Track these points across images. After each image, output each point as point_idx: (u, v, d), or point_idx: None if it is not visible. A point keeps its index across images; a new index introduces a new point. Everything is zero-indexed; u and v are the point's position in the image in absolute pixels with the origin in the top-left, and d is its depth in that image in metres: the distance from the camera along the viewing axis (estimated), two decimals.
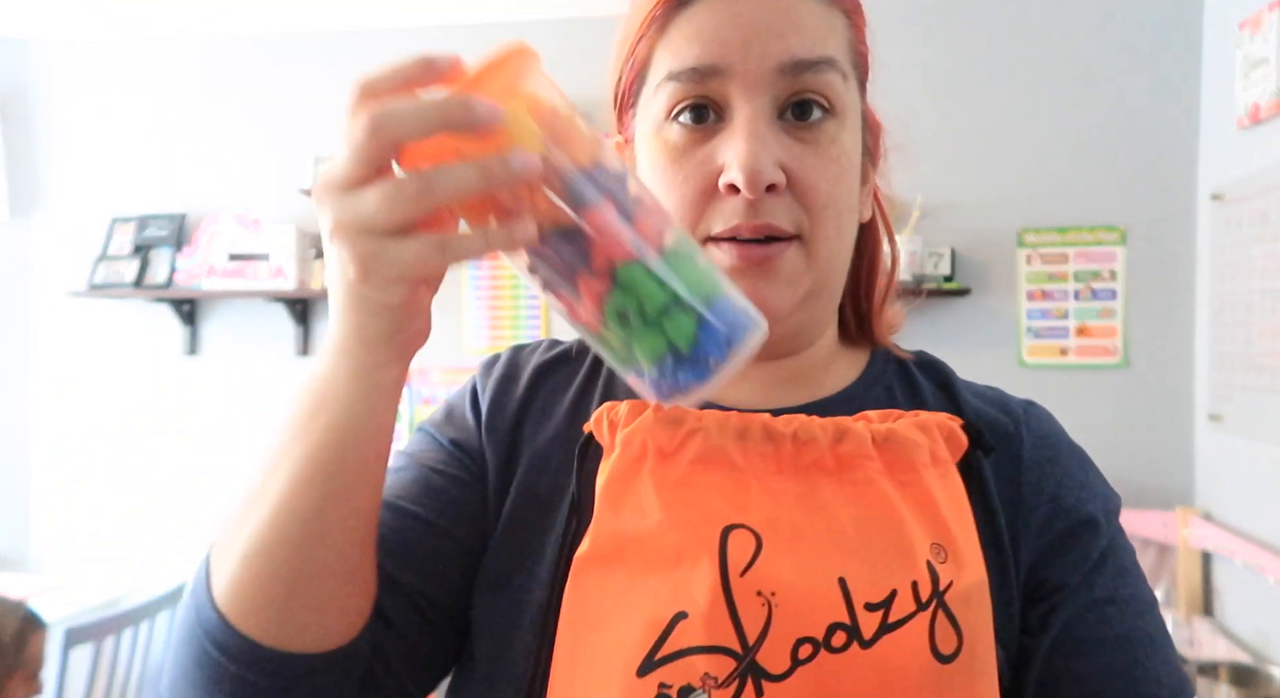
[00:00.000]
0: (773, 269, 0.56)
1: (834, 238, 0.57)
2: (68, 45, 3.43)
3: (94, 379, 3.42)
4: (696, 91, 0.55)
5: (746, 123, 0.54)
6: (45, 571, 3.37)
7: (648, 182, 0.59)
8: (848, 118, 0.57)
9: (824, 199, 0.55)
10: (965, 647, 0.46)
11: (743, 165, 0.53)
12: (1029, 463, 0.60)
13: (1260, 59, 2.39)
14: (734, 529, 0.46)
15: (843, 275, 0.62)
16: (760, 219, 0.55)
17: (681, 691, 0.44)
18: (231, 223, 3.16)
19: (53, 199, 3.45)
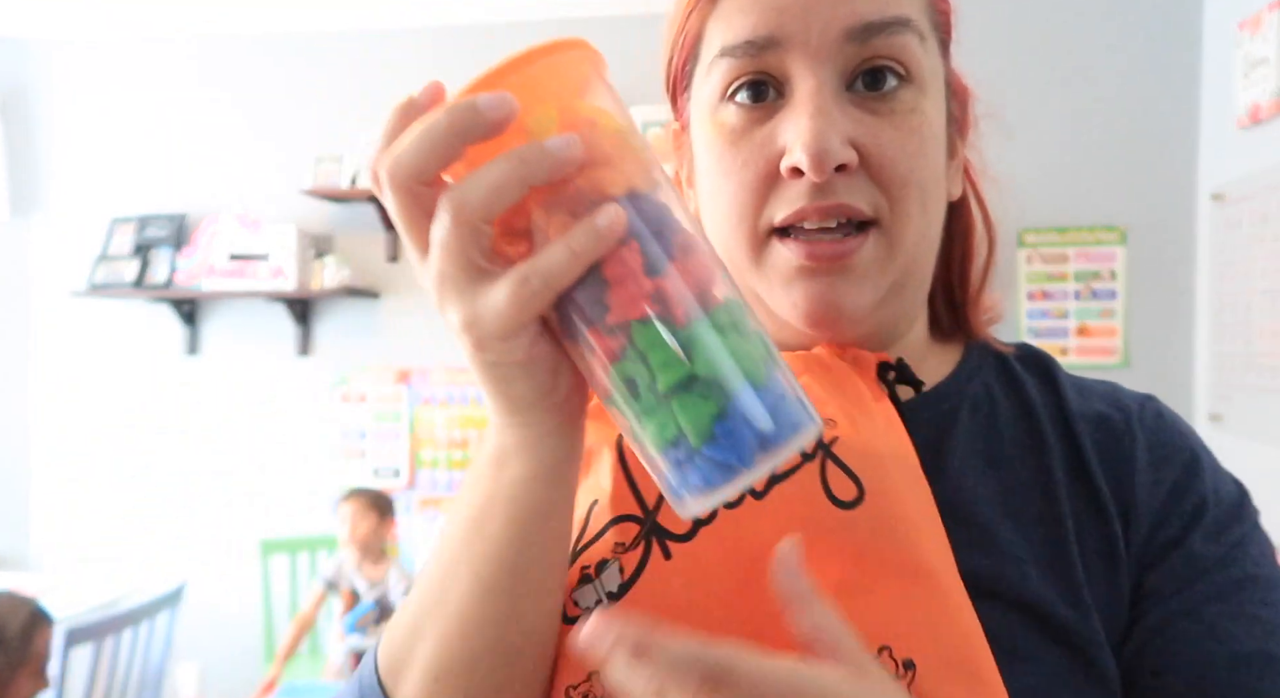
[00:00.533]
0: (849, 265, 0.49)
1: (918, 219, 0.50)
2: (68, 45, 3.43)
3: (94, 379, 3.42)
4: (753, 67, 0.50)
5: (810, 97, 0.48)
6: (45, 571, 3.37)
7: (704, 170, 0.54)
8: (928, 84, 0.51)
9: (904, 175, 0.49)
10: (868, 497, 0.45)
11: (806, 145, 0.47)
12: (1143, 464, 0.54)
13: (1260, 59, 2.39)
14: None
15: (931, 262, 0.55)
16: (830, 200, 0.48)
17: (598, 565, 0.46)
18: (232, 223, 3.16)
19: (53, 199, 3.45)
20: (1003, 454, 0.54)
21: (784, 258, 0.50)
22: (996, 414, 0.56)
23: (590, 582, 0.46)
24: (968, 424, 0.55)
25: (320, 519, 3.23)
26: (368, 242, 3.28)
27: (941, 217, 0.55)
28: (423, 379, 3.25)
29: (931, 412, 0.55)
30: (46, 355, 3.46)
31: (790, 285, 0.51)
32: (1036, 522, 0.51)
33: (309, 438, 3.30)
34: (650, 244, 0.36)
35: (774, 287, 0.52)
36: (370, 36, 3.27)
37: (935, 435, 0.54)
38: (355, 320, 3.31)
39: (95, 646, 2.17)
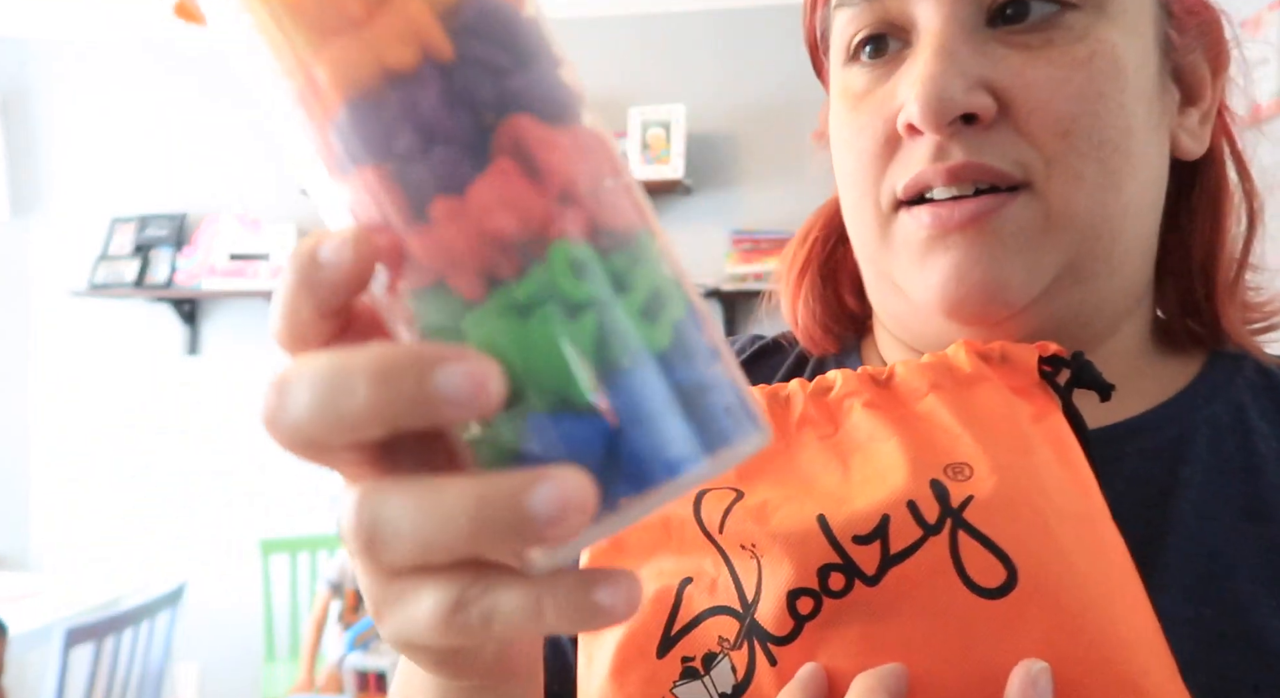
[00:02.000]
0: (988, 228, 0.39)
1: (1095, 180, 0.38)
2: (68, 45, 3.43)
3: (94, 379, 3.42)
4: (873, 15, 0.41)
5: (933, 37, 0.38)
6: (45, 571, 3.37)
7: (833, 144, 0.45)
8: (1117, 6, 0.39)
9: (1065, 122, 0.38)
10: (1023, 579, 0.32)
11: (919, 92, 0.37)
12: None
13: (1260, 59, 2.39)
14: (708, 491, 0.38)
15: (1142, 240, 0.43)
16: (955, 159, 0.38)
17: (705, 659, 0.37)
18: (232, 223, 3.16)
19: (53, 199, 3.45)
20: (1265, 504, 0.40)
21: (910, 228, 0.41)
22: (1254, 448, 0.41)
23: (698, 678, 0.37)
24: (1208, 460, 0.41)
25: (320, 519, 3.23)
26: None
27: (1149, 180, 0.41)
28: None
29: (1150, 441, 0.41)
30: (47, 355, 3.46)
31: (922, 264, 0.40)
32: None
33: None
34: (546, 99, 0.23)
35: (905, 267, 0.42)
36: None
37: (1156, 475, 0.41)
38: None
39: (95, 646, 2.17)
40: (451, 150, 0.22)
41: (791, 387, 0.40)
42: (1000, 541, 0.33)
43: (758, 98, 3.04)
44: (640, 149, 2.96)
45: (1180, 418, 0.43)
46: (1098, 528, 0.35)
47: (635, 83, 3.10)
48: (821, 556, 0.35)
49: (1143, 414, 0.43)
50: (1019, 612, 0.32)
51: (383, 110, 0.23)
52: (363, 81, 0.23)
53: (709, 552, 0.38)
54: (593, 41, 3.13)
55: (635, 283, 0.23)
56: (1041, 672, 0.30)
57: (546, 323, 0.22)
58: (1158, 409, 0.43)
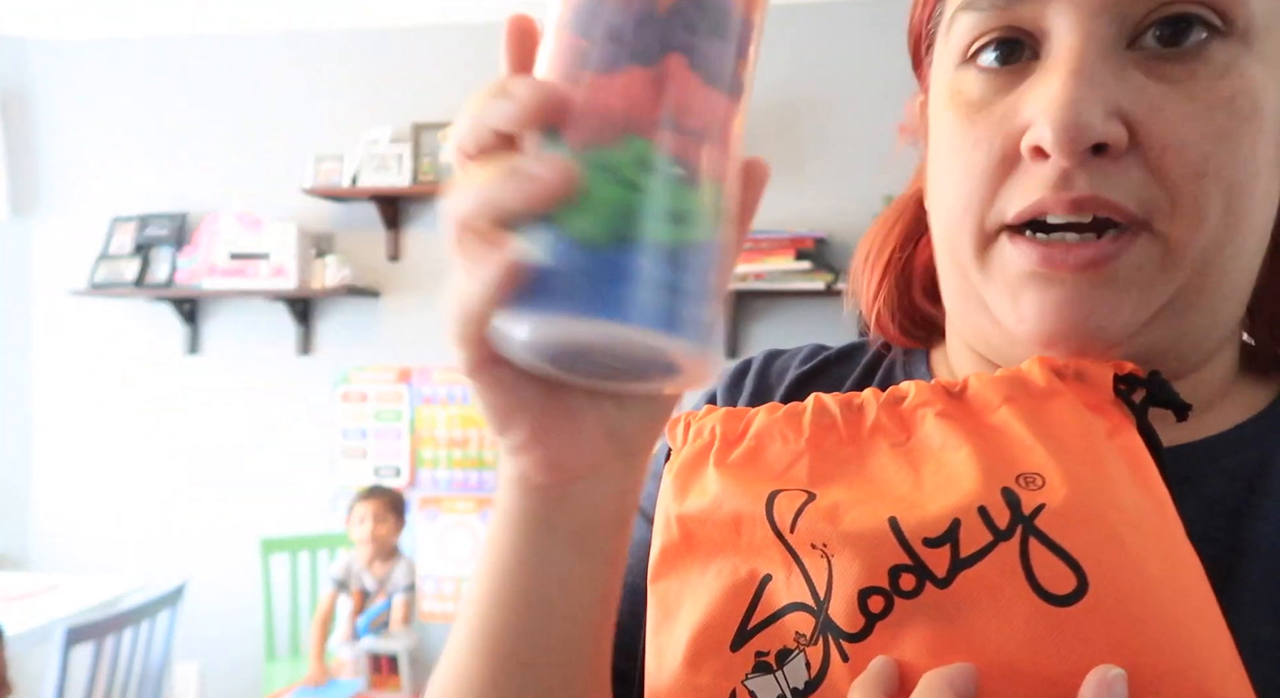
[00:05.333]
0: (1105, 272, 0.37)
1: (1216, 223, 0.37)
2: (68, 45, 3.43)
3: (94, 378, 3.42)
4: (1002, 21, 0.38)
5: (1070, 55, 0.36)
6: (45, 570, 3.37)
7: (935, 151, 0.44)
8: (1259, 35, 0.36)
9: (1196, 165, 0.36)
10: (1094, 587, 0.32)
11: (1054, 116, 0.35)
12: None
13: None
14: (781, 492, 0.39)
15: (1246, 276, 0.41)
16: (1079, 190, 0.36)
17: (779, 655, 0.38)
18: (232, 222, 3.16)
19: (53, 199, 3.45)
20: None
21: (1014, 260, 0.39)
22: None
23: (770, 672, 0.38)
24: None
25: (321, 519, 3.23)
26: (368, 241, 3.28)
27: (1266, 219, 0.40)
28: (424, 378, 3.25)
29: (1230, 461, 0.41)
30: (47, 355, 3.46)
31: (1020, 294, 0.39)
32: None
33: (309, 438, 3.30)
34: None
35: (1000, 294, 0.40)
36: (371, 35, 3.27)
37: (1234, 495, 0.40)
38: (356, 320, 3.31)
39: (95, 646, 2.17)
40: (624, 51, 0.30)
41: (865, 395, 0.40)
42: (1071, 549, 0.33)
43: (758, 98, 3.01)
44: None
45: (1261, 439, 0.42)
46: (1171, 542, 0.34)
47: None
48: (892, 556, 0.35)
49: (1223, 433, 0.42)
50: (1089, 620, 0.33)
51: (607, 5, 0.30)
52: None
53: (779, 551, 0.38)
54: None
55: (680, 200, 0.30)
56: (1117, 678, 0.30)
57: (604, 183, 0.29)
58: (1238, 429, 0.42)
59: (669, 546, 0.42)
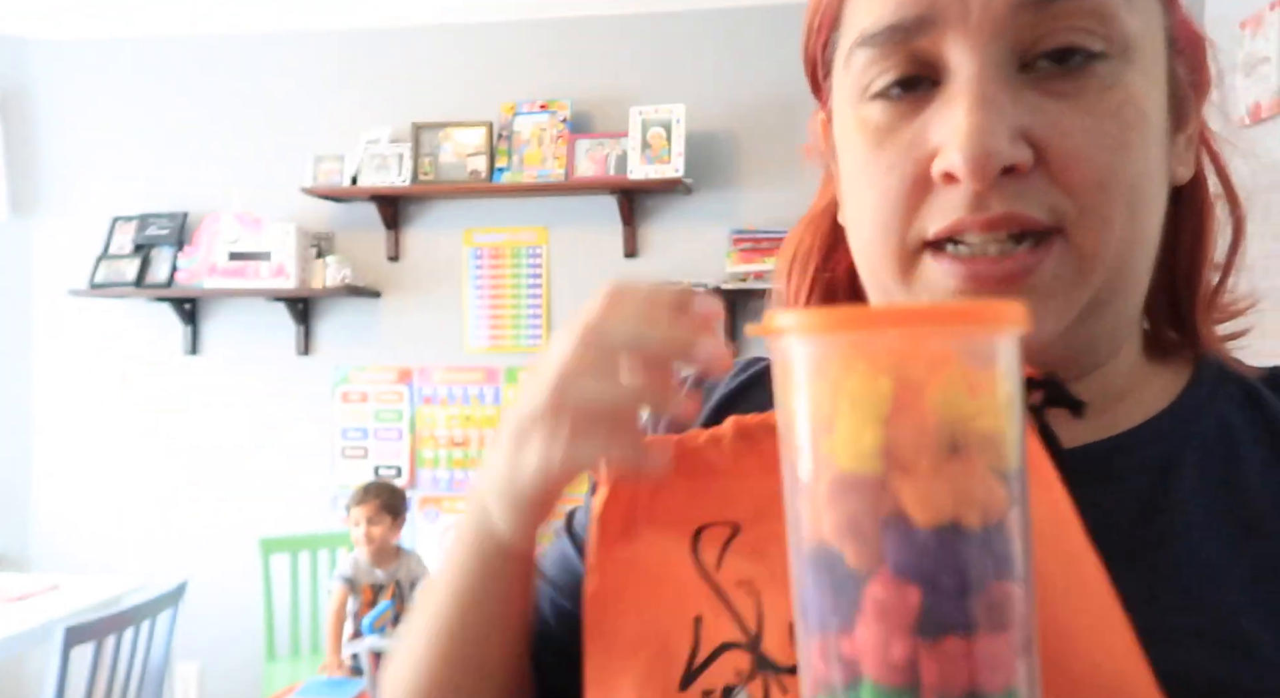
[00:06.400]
0: (1025, 285, 0.39)
1: (1123, 225, 0.39)
2: (68, 45, 3.43)
3: (94, 379, 3.42)
4: (899, 55, 0.40)
5: (971, 83, 0.38)
6: (45, 570, 3.37)
7: (847, 173, 0.45)
8: (1137, 51, 0.39)
9: (1100, 172, 0.38)
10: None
11: (963, 144, 0.37)
12: None
13: (1261, 58, 2.39)
14: (705, 529, 0.40)
15: (1146, 270, 0.43)
16: (994, 211, 0.38)
17: (724, 692, 0.39)
18: (232, 222, 3.16)
19: (53, 198, 3.45)
20: (1252, 517, 0.41)
21: (938, 276, 0.40)
22: (1240, 461, 0.43)
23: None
24: (1198, 476, 0.42)
25: (321, 519, 3.23)
26: (368, 241, 3.28)
27: (1159, 214, 0.43)
28: (423, 378, 3.25)
29: (1143, 457, 0.43)
30: (47, 354, 3.46)
31: None
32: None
33: (309, 438, 3.30)
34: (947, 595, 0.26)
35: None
36: (371, 35, 3.27)
37: (1148, 488, 0.42)
38: (356, 320, 3.30)
39: (95, 646, 2.17)
40: (933, 598, 0.26)
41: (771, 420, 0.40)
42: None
43: (758, 97, 3.04)
44: (640, 149, 2.96)
45: (1171, 434, 0.44)
46: (1067, 543, 0.35)
47: (635, 83, 3.10)
48: None
49: (1135, 429, 0.44)
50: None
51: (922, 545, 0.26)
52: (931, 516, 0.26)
53: (706, 591, 0.39)
54: (593, 41, 3.13)
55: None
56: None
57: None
58: (1149, 424, 0.44)
59: (603, 589, 0.42)
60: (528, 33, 3.18)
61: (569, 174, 3.04)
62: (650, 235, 3.15)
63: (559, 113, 3.09)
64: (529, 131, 3.10)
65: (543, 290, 3.21)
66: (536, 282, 3.22)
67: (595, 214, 3.15)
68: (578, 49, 3.14)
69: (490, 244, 3.24)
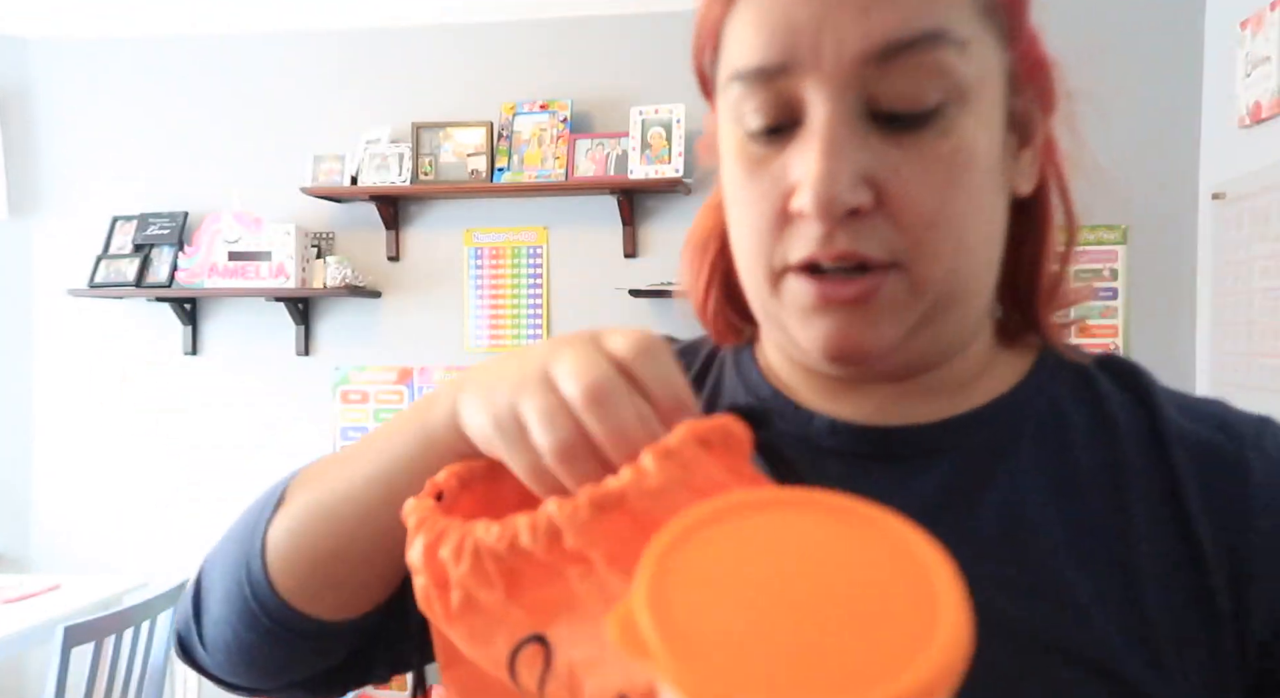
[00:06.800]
0: (864, 305, 0.45)
1: (951, 257, 0.45)
2: (68, 45, 3.43)
3: (94, 379, 3.42)
4: (765, 95, 0.44)
5: (821, 130, 0.43)
6: (45, 570, 3.37)
7: (727, 191, 0.50)
8: (972, 94, 0.44)
9: (929, 215, 0.43)
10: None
11: (811, 189, 0.42)
12: (1262, 500, 0.46)
13: (1262, 58, 2.39)
14: (519, 653, 0.39)
15: (983, 284, 0.49)
16: (840, 247, 0.44)
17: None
18: (232, 222, 3.16)
19: (53, 198, 3.45)
20: (1074, 485, 0.48)
21: (799, 294, 0.46)
22: (1068, 437, 0.49)
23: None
24: (1031, 448, 0.49)
25: None
26: (368, 241, 3.28)
27: (993, 235, 0.48)
28: (424, 378, 3.25)
29: (984, 432, 0.49)
30: (47, 355, 3.46)
31: (807, 322, 0.47)
32: (1110, 566, 0.45)
33: (309, 438, 3.30)
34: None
35: (792, 319, 0.48)
36: (371, 35, 3.27)
37: (987, 459, 0.49)
38: (356, 320, 3.31)
39: (95, 646, 2.17)
40: None
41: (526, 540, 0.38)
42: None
43: None
44: (640, 149, 2.96)
45: (1013, 410, 0.51)
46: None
47: (635, 83, 3.10)
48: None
49: (984, 406, 0.51)
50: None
51: None
52: None
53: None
54: (593, 41, 3.13)
55: None
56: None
57: None
58: (996, 402, 0.51)
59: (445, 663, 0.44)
60: (528, 33, 3.19)
61: (569, 174, 3.04)
62: (650, 235, 3.15)
63: (559, 113, 3.09)
64: (529, 131, 3.10)
65: (543, 290, 3.21)
66: (536, 282, 3.22)
67: (595, 214, 3.15)
68: (578, 49, 3.14)
69: (490, 244, 3.24)
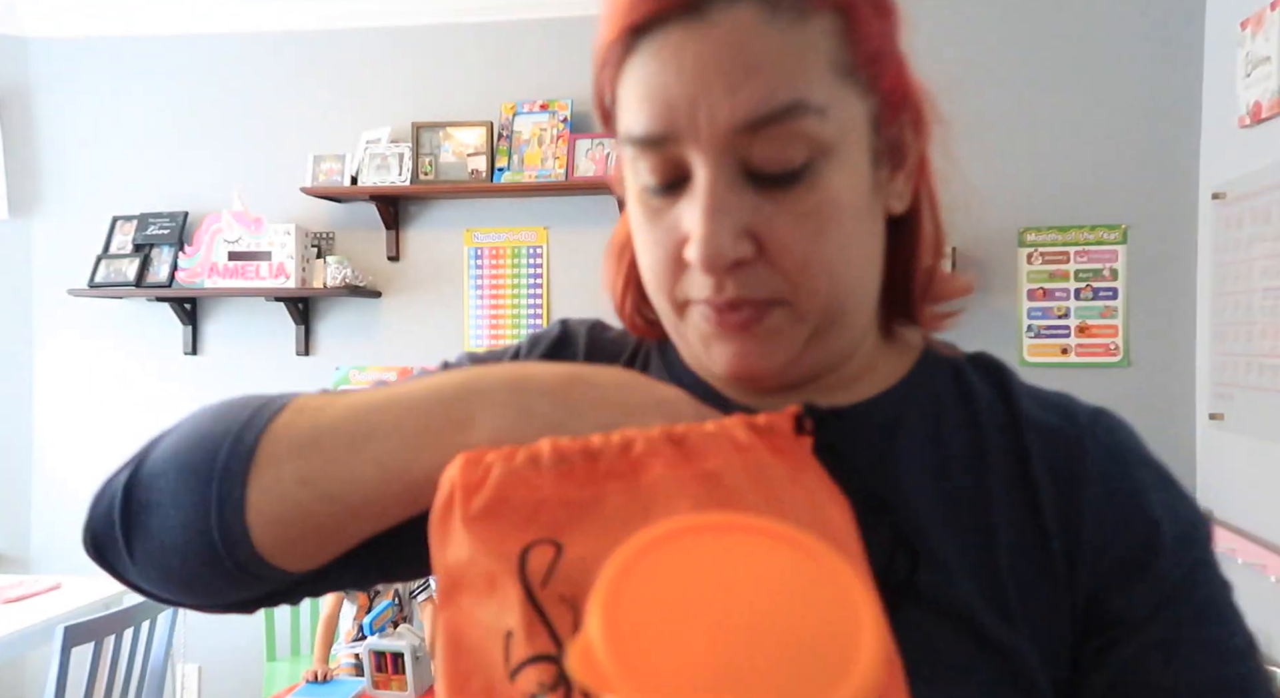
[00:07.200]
0: (756, 332, 0.51)
1: (827, 292, 0.51)
2: (68, 44, 3.43)
3: (94, 379, 3.42)
4: (655, 158, 0.50)
5: (704, 192, 0.48)
6: (45, 570, 3.37)
7: (633, 224, 0.55)
8: (837, 148, 0.49)
9: (802, 260, 0.49)
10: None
11: (699, 247, 0.48)
12: (1092, 477, 0.54)
13: (1262, 58, 2.39)
14: (535, 546, 0.43)
15: (862, 301, 0.55)
16: (729, 295, 0.50)
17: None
18: (232, 221, 3.16)
19: (53, 198, 3.45)
20: (946, 464, 0.55)
21: (699, 323, 0.53)
22: (943, 423, 0.57)
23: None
24: (913, 434, 0.56)
25: None
26: (368, 241, 3.28)
27: (871, 254, 0.55)
28: None
29: (874, 418, 0.56)
30: (47, 354, 3.46)
31: (708, 347, 0.53)
32: (972, 533, 0.52)
33: None
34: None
35: (696, 343, 0.54)
36: (371, 35, 3.27)
37: (877, 443, 0.55)
38: (356, 320, 3.31)
39: (95, 646, 2.17)
40: None
41: (599, 442, 0.45)
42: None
43: None
44: None
45: (897, 403, 0.58)
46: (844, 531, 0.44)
47: None
48: None
49: (873, 398, 0.58)
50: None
51: None
52: None
53: (524, 607, 0.42)
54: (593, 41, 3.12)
55: None
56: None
57: None
58: (882, 395, 0.58)
59: (442, 591, 0.44)
60: (528, 33, 3.19)
61: (569, 174, 3.04)
62: None
63: (559, 113, 3.09)
64: (529, 131, 3.10)
65: (543, 290, 3.21)
66: (537, 282, 3.22)
67: (595, 214, 3.15)
68: (578, 49, 3.14)
69: (490, 244, 3.24)
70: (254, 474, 0.48)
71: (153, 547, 0.52)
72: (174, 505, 0.50)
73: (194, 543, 0.49)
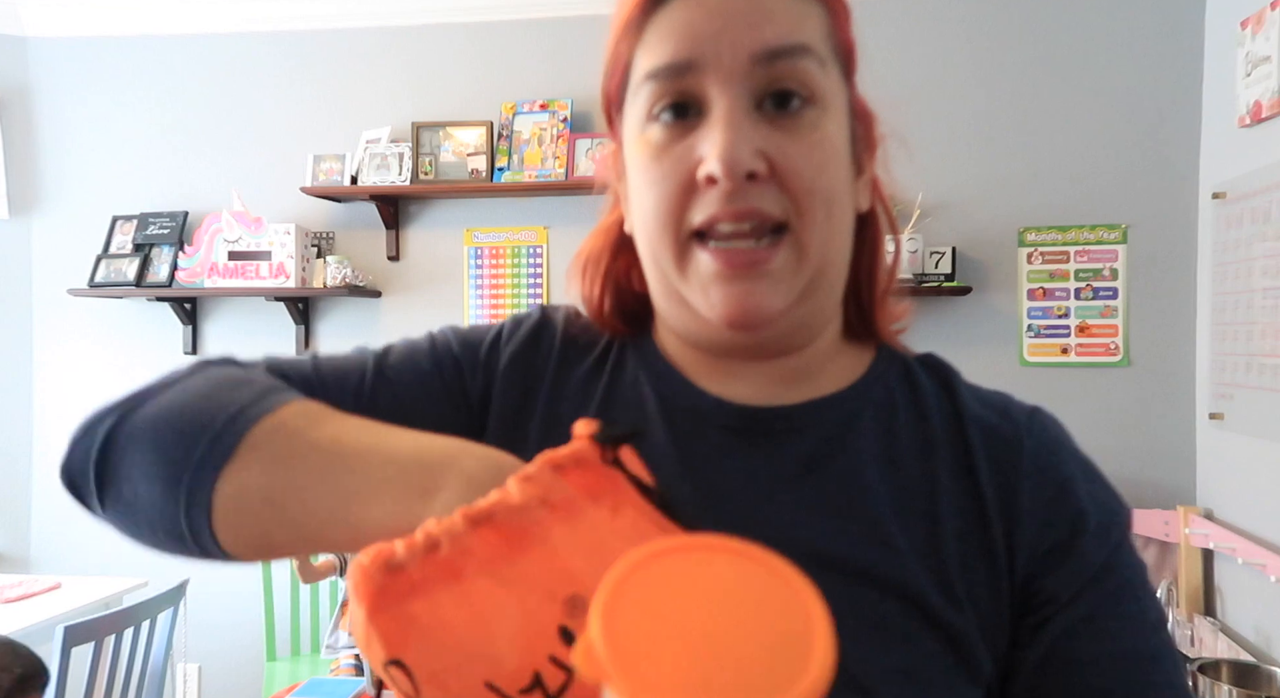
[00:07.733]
0: (763, 270, 0.55)
1: (824, 226, 0.56)
2: (68, 43, 3.43)
3: (95, 378, 3.42)
4: (674, 88, 0.55)
5: (724, 114, 0.53)
6: (45, 571, 3.37)
7: (634, 184, 0.59)
8: (830, 105, 0.56)
9: (808, 185, 0.54)
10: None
11: (720, 154, 0.52)
12: (1028, 470, 0.59)
13: (1262, 57, 2.39)
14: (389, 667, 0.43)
15: (842, 267, 0.61)
16: (741, 205, 0.53)
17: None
18: (232, 221, 3.16)
19: (53, 197, 3.45)
20: (898, 455, 0.60)
21: (704, 264, 0.55)
22: (896, 417, 0.62)
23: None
24: (869, 426, 0.61)
25: None
26: (368, 241, 3.28)
27: (848, 225, 0.60)
28: None
29: (835, 413, 0.61)
30: (47, 354, 3.46)
31: (710, 290, 0.56)
32: (921, 519, 0.57)
33: None
34: None
35: (695, 291, 0.57)
36: (371, 35, 3.27)
37: (837, 435, 0.60)
38: (356, 320, 3.31)
39: (95, 646, 2.17)
40: None
41: (401, 554, 0.43)
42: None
43: None
44: None
45: (855, 397, 0.62)
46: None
47: None
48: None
49: (830, 394, 0.62)
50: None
51: None
52: None
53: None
54: (593, 41, 3.12)
55: None
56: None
57: None
58: (844, 389, 0.62)
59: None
60: (528, 33, 3.19)
61: (569, 174, 3.04)
62: None
63: (559, 113, 3.09)
64: (529, 131, 3.10)
65: (543, 290, 3.21)
66: (537, 282, 3.22)
67: (595, 214, 3.13)
68: (578, 49, 3.14)
69: (490, 244, 3.24)
70: (225, 475, 0.51)
71: (122, 509, 0.56)
72: (145, 481, 0.53)
73: (161, 520, 0.54)
